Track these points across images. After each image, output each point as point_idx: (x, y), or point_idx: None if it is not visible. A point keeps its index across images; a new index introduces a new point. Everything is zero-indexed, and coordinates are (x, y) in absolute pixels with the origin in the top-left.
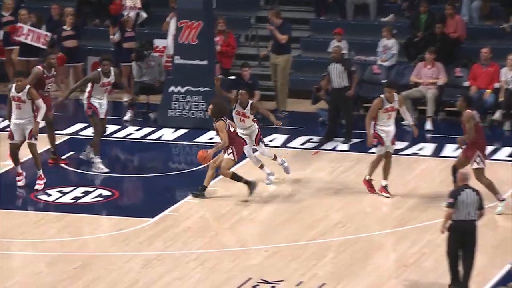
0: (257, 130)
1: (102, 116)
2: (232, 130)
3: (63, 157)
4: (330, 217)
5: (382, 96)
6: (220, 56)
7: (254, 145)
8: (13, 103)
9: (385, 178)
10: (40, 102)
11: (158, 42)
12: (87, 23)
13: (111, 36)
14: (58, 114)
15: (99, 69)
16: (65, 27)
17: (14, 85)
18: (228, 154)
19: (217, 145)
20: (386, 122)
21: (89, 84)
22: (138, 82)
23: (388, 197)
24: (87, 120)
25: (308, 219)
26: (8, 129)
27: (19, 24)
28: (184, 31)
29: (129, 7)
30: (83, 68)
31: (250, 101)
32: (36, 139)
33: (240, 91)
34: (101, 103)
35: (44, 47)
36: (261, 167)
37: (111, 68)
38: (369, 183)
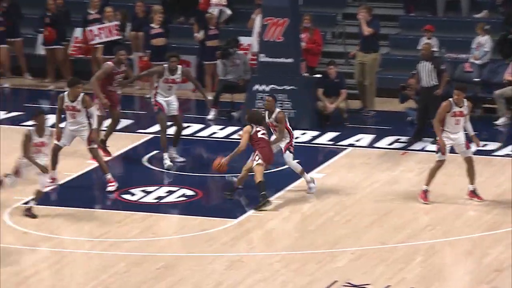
0: (288, 139)
1: (173, 112)
2: (260, 135)
3: (145, 157)
4: (419, 220)
5: (450, 99)
6: (305, 53)
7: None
8: (67, 113)
9: (472, 182)
10: (93, 109)
11: (243, 40)
12: (172, 21)
13: (196, 34)
14: (142, 112)
15: (166, 65)
16: (153, 25)
17: (66, 94)
18: (256, 161)
19: (231, 153)
20: (453, 128)
21: (156, 81)
22: (223, 80)
23: (480, 202)
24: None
25: (396, 221)
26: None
27: (87, 30)
28: (269, 28)
29: (215, 4)
30: None
31: (277, 110)
32: (95, 144)
33: (266, 97)
34: (168, 101)
35: (119, 37)
36: (302, 173)
37: (179, 66)
38: (424, 193)
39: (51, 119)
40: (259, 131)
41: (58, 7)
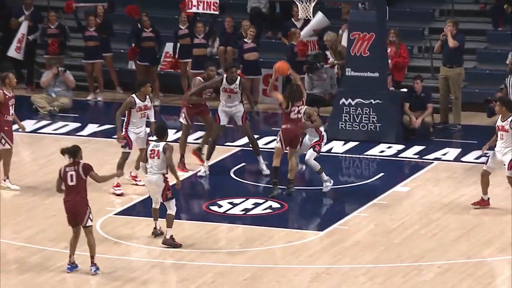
0: (317, 138)
1: (239, 122)
2: (292, 116)
3: (233, 169)
4: (507, 234)
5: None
6: (392, 68)
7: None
8: (139, 113)
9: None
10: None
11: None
12: (260, 35)
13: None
14: (229, 126)
15: (225, 75)
16: (246, 39)
17: (135, 96)
18: (277, 142)
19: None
20: (498, 142)
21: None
22: (309, 94)
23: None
24: (254, 132)
25: (484, 236)
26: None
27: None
28: (356, 43)
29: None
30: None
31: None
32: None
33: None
34: (226, 111)
35: (216, 13)
36: (320, 172)
37: (239, 77)
38: (482, 201)
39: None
40: (293, 110)
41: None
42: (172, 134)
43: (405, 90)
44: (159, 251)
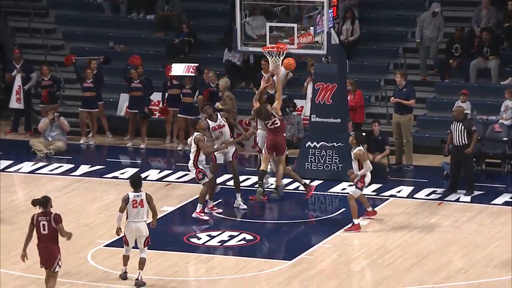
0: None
1: (229, 159)
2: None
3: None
4: (454, 263)
5: None
6: (351, 112)
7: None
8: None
9: None
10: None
11: (298, 102)
12: (234, 86)
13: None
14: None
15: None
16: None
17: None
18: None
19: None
20: None
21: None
22: None
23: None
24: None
25: (434, 264)
26: None
27: (169, 65)
28: (320, 92)
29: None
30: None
31: (357, 148)
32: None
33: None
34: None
35: (194, 74)
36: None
37: (218, 114)
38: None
39: (128, 171)
40: (267, 123)
41: (143, 76)
42: (156, 174)
43: (363, 134)
44: (145, 279)
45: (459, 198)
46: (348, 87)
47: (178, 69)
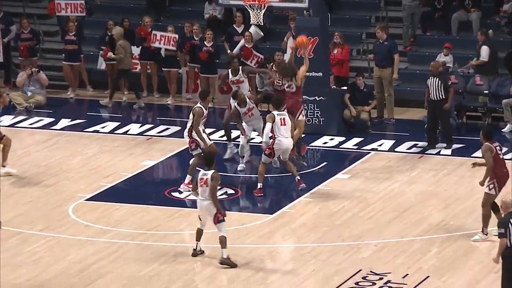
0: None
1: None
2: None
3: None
4: (434, 216)
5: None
6: (337, 66)
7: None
8: (203, 120)
9: None
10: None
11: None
12: (216, 39)
13: (229, 51)
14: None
15: (228, 70)
16: (206, 42)
17: (201, 106)
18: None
19: None
20: None
21: None
22: (260, 91)
23: None
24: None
25: (414, 217)
26: None
27: (154, 32)
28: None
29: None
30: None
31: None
32: None
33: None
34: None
35: (174, 48)
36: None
37: (239, 66)
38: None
39: (109, 125)
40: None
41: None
42: (137, 128)
43: (345, 88)
44: (126, 233)
45: (439, 151)
46: (337, 40)
47: (160, 39)
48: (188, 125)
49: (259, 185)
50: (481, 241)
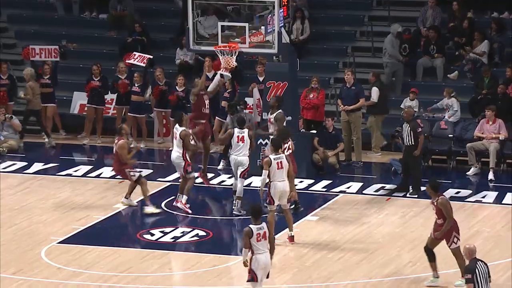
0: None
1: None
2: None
3: (164, 201)
4: (402, 257)
5: None
6: (313, 110)
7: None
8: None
9: None
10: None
11: (248, 101)
12: (187, 83)
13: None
14: (160, 163)
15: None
16: (177, 87)
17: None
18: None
19: None
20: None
21: None
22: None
23: None
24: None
25: (382, 258)
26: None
27: (133, 53)
28: (271, 90)
29: (223, 68)
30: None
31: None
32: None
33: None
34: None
35: (144, 65)
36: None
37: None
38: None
39: (82, 169)
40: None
41: (101, 74)
42: (109, 171)
43: (314, 132)
44: (98, 275)
45: (406, 193)
46: (315, 85)
47: (135, 57)
48: (178, 149)
49: (290, 233)
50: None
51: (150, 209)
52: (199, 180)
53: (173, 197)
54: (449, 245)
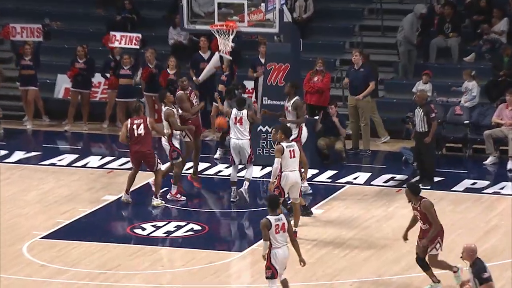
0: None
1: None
2: None
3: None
4: (413, 253)
5: None
6: (318, 94)
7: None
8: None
9: None
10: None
11: (248, 84)
12: (180, 66)
13: (194, 78)
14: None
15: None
16: (168, 69)
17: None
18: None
19: None
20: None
21: None
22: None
23: None
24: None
25: (392, 255)
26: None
27: (112, 33)
28: (272, 73)
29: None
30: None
31: None
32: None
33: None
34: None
35: (137, 47)
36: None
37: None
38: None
39: (67, 158)
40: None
41: (86, 56)
42: (97, 160)
43: (317, 117)
44: (85, 273)
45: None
46: (320, 67)
47: (120, 39)
48: (166, 132)
49: (294, 228)
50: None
51: (157, 201)
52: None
53: (166, 188)
54: (429, 250)
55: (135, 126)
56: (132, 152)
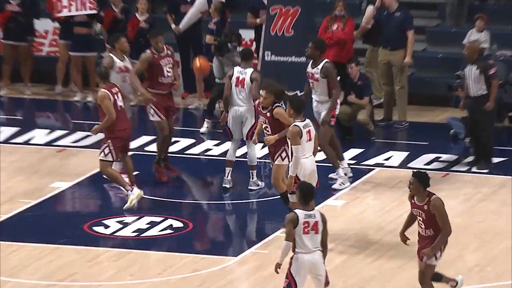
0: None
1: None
2: None
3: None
4: (465, 258)
5: None
6: (338, 47)
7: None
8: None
9: None
10: None
11: (245, 34)
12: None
13: (173, 26)
14: None
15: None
16: (137, 14)
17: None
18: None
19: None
20: None
21: None
22: (219, 84)
23: None
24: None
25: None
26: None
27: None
28: (277, 20)
29: None
30: None
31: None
32: None
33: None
34: None
35: (93, 11)
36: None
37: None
38: None
39: (4, 132)
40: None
41: None
42: (44, 135)
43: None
44: (29, 285)
45: (471, 168)
46: (340, 11)
47: (66, 5)
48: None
49: None
50: None
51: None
52: (175, 146)
53: (137, 172)
54: (426, 259)
55: (116, 97)
56: (125, 132)
